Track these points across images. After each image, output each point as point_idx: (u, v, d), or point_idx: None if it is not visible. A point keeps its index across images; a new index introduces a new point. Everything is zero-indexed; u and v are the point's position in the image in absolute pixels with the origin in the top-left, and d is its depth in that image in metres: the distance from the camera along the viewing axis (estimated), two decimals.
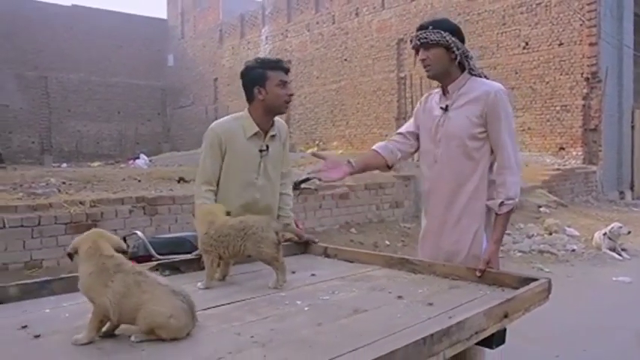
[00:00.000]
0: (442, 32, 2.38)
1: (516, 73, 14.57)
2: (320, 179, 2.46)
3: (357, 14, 19.47)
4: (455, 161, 2.43)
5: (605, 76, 13.17)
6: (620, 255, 7.49)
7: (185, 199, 6.85)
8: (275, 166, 2.87)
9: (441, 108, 2.48)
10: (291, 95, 2.80)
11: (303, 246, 2.88)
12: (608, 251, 7.57)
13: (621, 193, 14.11)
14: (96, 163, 18.71)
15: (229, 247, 2.14)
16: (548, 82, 13.95)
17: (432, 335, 1.45)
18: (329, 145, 19.93)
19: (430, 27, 2.40)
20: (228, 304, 1.88)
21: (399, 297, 1.99)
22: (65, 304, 1.88)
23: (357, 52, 19.46)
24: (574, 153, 13.48)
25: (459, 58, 2.40)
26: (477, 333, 1.67)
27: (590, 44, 13.16)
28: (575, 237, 8.49)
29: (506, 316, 1.82)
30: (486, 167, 2.43)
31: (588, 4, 13.21)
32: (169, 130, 28.52)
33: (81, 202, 6.46)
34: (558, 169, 12.40)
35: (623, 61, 14.18)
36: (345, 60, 19.95)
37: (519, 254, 7.67)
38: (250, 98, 2.79)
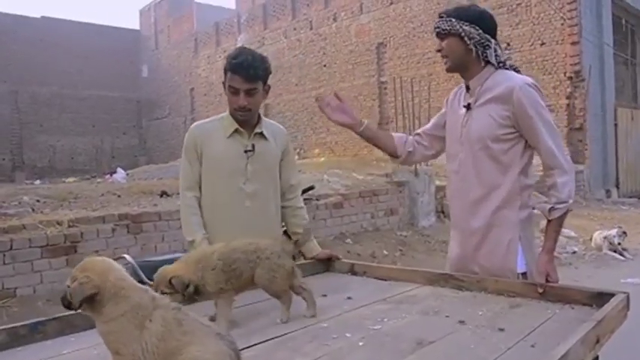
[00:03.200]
0: (453, 20, 2.14)
1: None
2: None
3: (334, 19, 19.28)
4: (480, 166, 2.17)
5: (587, 74, 13.15)
6: (622, 255, 7.33)
7: (171, 214, 6.39)
8: (269, 169, 2.52)
9: (464, 106, 2.22)
10: (243, 108, 2.38)
11: (324, 264, 2.56)
12: (610, 252, 7.41)
13: (608, 191, 14.09)
14: (71, 179, 18.13)
15: (241, 276, 1.75)
16: None
17: None
18: (310, 152, 19.65)
19: (444, 15, 2.18)
20: (265, 341, 1.56)
21: (461, 322, 1.70)
22: (65, 350, 1.54)
23: (336, 57, 19.25)
24: None
25: (474, 48, 2.14)
26: None
27: (572, 43, 13.13)
28: (573, 238, 8.34)
29: (597, 341, 1.54)
30: (518, 171, 2.15)
31: (569, 3, 13.19)
32: (146, 142, 27.97)
33: (58, 223, 5.89)
34: None
35: (604, 60, 14.20)
36: (325, 66, 19.73)
37: None
38: None
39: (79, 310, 1.26)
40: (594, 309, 1.75)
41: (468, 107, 2.21)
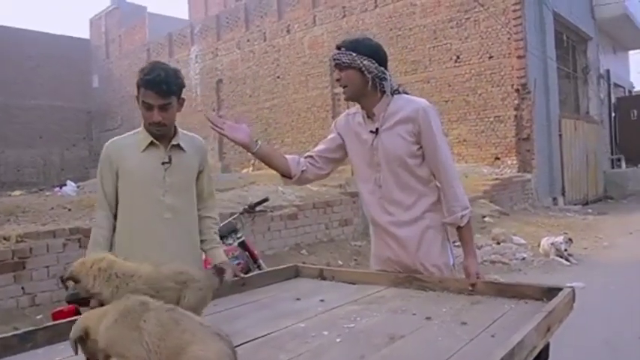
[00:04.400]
0: (353, 54, 2.32)
1: (449, 85, 14.93)
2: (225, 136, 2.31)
3: (288, 31, 19.45)
4: (403, 181, 2.38)
5: (533, 87, 13.71)
6: (568, 261, 7.69)
7: None
8: (187, 181, 2.52)
9: (371, 132, 2.41)
10: (158, 123, 2.37)
11: (294, 270, 2.68)
12: (557, 258, 7.75)
13: (554, 199, 14.67)
14: (18, 192, 17.53)
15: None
16: (480, 94, 14.37)
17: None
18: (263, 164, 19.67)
19: (343, 48, 2.35)
20: (249, 341, 1.66)
21: (428, 318, 1.85)
22: (56, 358, 1.59)
23: (289, 69, 19.40)
24: (509, 162, 13.90)
25: (370, 82, 2.34)
26: (531, 351, 1.56)
27: (519, 57, 13.67)
28: (522, 245, 8.67)
29: (549, 329, 1.72)
30: (435, 182, 2.40)
31: (514, 19, 13.74)
32: (97, 154, 27.36)
33: (5, 238, 5.60)
34: (497, 179, 12.73)
35: (548, 73, 14.83)
36: (278, 77, 19.85)
37: None
38: None
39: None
40: (545, 302, 1.92)
41: (376, 132, 2.39)
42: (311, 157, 2.55)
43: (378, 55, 2.36)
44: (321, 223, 8.79)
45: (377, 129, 2.38)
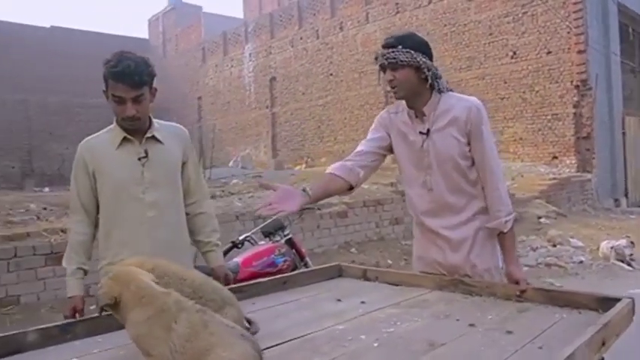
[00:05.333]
0: (412, 52, 2.18)
1: (505, 82, 14.55)
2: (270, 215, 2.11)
3: (341, 28, 19.42)
4: (454, 183, 2.29)
5: (594, 83, 13.18)
6: (630, 266, 7.34)
7: None
8: (168, 175, 2.39)
9: (421, 133, 2.29)
10: (132, 117, 2.25)
11: (337, 269, 2.63)
12: (618, 262, 7.41)
13: (616, 200, 14.08)
14: None
15: None
16: (538, 91, 13.94)
17: None
18: (317, 161, 19.73)
19: (400, 46, 2.19)
20: (284, 343, 1.63)
21: (471, 325, 1.76)
22: (94, 350, 1.61)
23: (342, 66, 19.37)
24: (567, 161, 13.43)
25: (430, 80, 2.22)
26: None
27: (579, 52, 13.19)
28: (580, 248, 8.34)
29: (603, 344, 1.60)
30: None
31: (575, 12, 13.25)
32: None
33: (62, 230, 5.89)
34: (554, 179, 12.32)
35: (611, 68, 14.25)
36: (331, 75, 19.85)
37: (526, 268, 7.46)
38: None
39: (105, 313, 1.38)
40: (600, 313, 1.80)
41: (427, 133, 2.28)
42: (359, 155, 2.40)
43: (428, 51, 2.26)
44: (371, 222, 8.75)
45: (428, 130, 2.28)
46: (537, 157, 13.95)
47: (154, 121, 2.42)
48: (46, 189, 18.59)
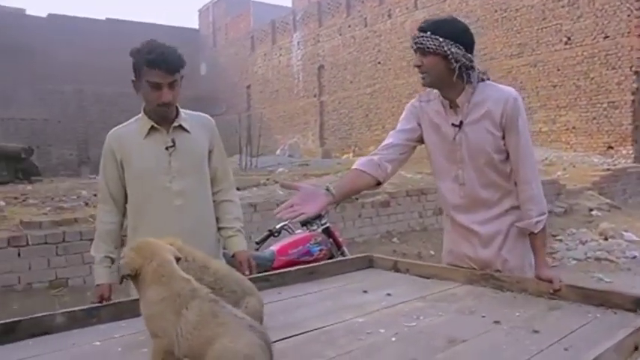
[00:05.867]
0: (440, 39, 2.07)
1: (558, 69, 14.05)
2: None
3: (389, 16, 19.18)
4: (487, 177, 2.20)
5: None
6: None
7: None
8: (195, 164, 2.40)
9: (453, 125, 2.20)
10: (167, 104, 2.28)
11: (367, 260, 2.60)
12: None
13: None
14: None
15: None
16: (593, 78, 13.41)
17: None
18: (365, 150, 19.61)
19: (429, 32, 2.09)
20: (302, 333, 1.62)
21: (496, 322, 1.70)
22: (117, 334, 1.65)
23: (390, 54, 19.15)
24: (624, 152, 12.90)
25: (457, 71, 2.10)
26: None
27: (639, 35, 12.57)
28: (634, 242, 8.00)
29: (636, 348, 1.51)
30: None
31: None
32: None
33: None
34: (608, 169, 11.84)
35: None
36: (379, 63, 19.66)
37: (574, 262, 7.26)
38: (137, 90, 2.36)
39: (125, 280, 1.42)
40: (638, 314, 1.71)
41: (460, 125, 2.19)
42: (388, 147, 2.33)
43: (465, 40, 2.14)
44: (414, 211, 8.65)
45: (461, 122, 2.19)
46: (591, 146, 13.45)
47: (181, 110, 2.44)
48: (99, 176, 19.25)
